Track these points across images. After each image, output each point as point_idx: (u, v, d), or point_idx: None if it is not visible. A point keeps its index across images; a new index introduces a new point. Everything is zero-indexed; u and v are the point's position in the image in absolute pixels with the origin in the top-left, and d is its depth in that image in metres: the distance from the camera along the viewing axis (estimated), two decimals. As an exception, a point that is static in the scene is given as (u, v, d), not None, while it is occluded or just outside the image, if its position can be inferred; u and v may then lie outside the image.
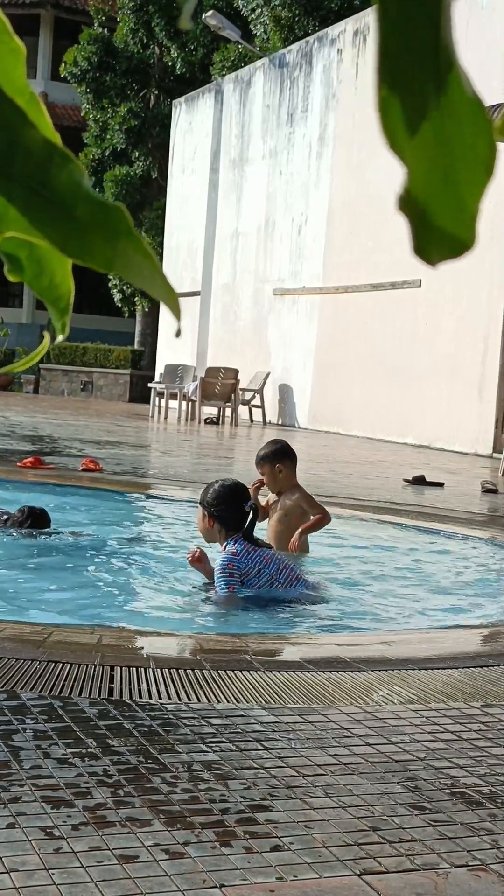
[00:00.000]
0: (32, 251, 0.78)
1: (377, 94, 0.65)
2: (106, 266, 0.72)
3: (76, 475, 10.12)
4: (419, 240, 0.69)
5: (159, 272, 0.73)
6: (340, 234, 20.71)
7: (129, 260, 0.72)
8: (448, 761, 3.17)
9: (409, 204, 0.67)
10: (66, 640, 4.17)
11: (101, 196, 0.71)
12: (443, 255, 0.69)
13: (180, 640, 4.49)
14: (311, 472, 12.22)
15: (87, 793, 2.71)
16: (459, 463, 15.18)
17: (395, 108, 0.65)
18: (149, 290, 0.74)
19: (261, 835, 2.55)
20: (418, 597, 6.25)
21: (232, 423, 21.49)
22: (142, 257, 0.72)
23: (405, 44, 0.63)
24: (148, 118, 31.79)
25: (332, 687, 3.81)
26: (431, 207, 0.68)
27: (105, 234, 0.71)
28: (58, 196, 0.71)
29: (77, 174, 0.71)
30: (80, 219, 0.71)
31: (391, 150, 0.66)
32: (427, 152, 0.67)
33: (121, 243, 0.72)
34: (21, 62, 0.73)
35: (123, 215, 0.71)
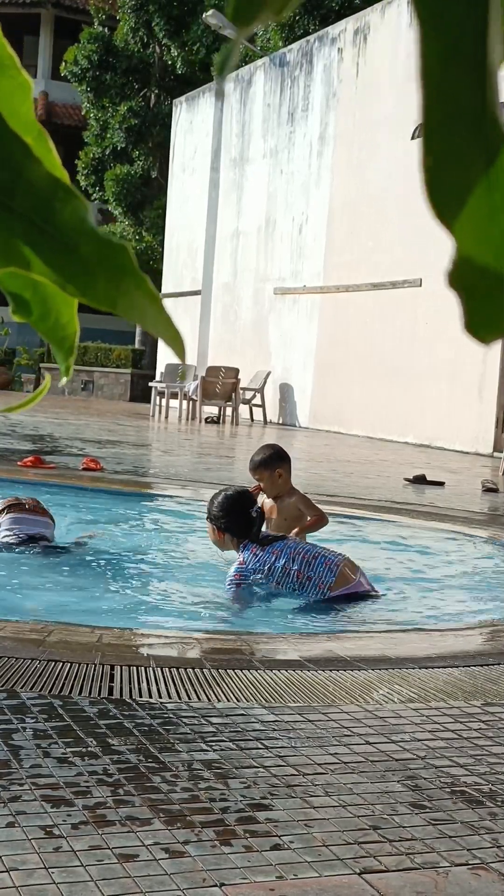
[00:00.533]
0: (37, 290, 0.77)
1: (423, 163, 0.63)
2: (109, 305, 0.72)
3: (77, 474, 10.12)
4: (471, 317, 0.66)
5: (163, 312, 0.72)
6: (341, 234, 20.71)
7: (132, 299, 0.72)
8: (448, 760, 3.17)
9: (458, 279, 0.65)
10: (66, 639, 4.17)
11: (106, 233, 0.71)
12: (496, 333, 0.66)
13: (180, 639, 4.49)
14: (311, 472, 12.22)
15: (87, 792, 2.71)
16: (460, 462, 15.18)
17: (441, 178, 0.62)
18: (152, 331, 0.73)
19: (261, 833, 2.55)
20: (418, 596, 6.25)
21: (232, 423, 21.49)
22: (145, 297, 0.72)
23: (452, 113, 0.61)
24: (148, 117, 31.78)
25: (332, 686, 3.81)
26: (482, 282, 0.65)
27: (109, 272, 0.71)
28: (61, 232, 0.71)
29: (82, 210, 0.71)
30: (84, 256, 0.71)
31: (438, 222, 0.64)
32: (477, 225, 0.64)
33: (125, 282, 0.71)
34: (29, 97, 0.73)
35: (127, 253, 0.71)
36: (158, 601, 5.73)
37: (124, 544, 7.22)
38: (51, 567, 6.28)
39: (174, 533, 8.13)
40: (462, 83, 0.61)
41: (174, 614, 5.43)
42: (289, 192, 22.68)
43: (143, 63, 32.21)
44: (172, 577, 6.39)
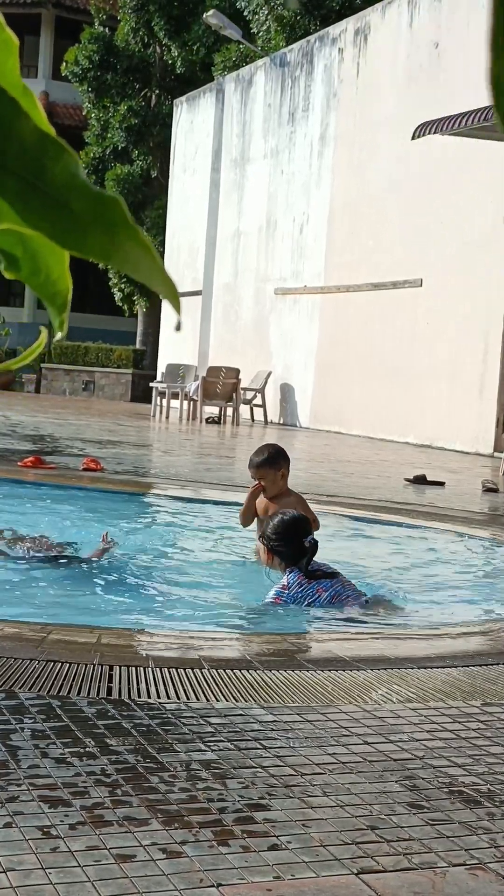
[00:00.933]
0: (27, 247, 0.77)
1: (490, 69, 0.63)
2: (104, 258, 0.72)
3: (77, 475, 10.12)
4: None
5: (158, 264, 0.73)
6: (341, 234, 20.71)
7: (127, 252, 0.72)
8: (446, 760, 3.17)
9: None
10: (64, 640, 4.17)
11: (98, 188, 0.71)
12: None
13: (179, 640, 4.49)
14: (311, 472, 12.22)
15: (85, 792, 2.71)
16: (460, 462, 15.18)
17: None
18: (148, 283, 0.73)
19: (259, 834, 2.55)
20: (417, 595, 6.25)
21: (233, 423, 21.49)
22: (140, 249, 0.72)
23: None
24: (149, 117, 31.78)
25: (330, 686, 3.81)
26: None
27: (102, 226, 0.71)
28: (53, 188, 0.71)
29: (72, 165, 0.71)
30: (77, 211, 0.71)
31: (500, 125, 0.64)
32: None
33: (118, 235, 0.71)
34: (13, 54, 0.73)
35: (120, 206, 0.71)
36: (157, 602, 5.73)
37: (124, 545, 7.22)
38: (49, 567, 6.28)
39: (174, 533, 8.14)
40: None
41: (173, 615, 5.43)
42: (289, 192, 22.68)
43: (144, 63, 32.21)
44: (172, 578, 6.39)
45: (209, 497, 9.63)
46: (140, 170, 31.58)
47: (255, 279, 23.82)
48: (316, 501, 9.31)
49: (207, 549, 7.60)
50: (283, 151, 23.04)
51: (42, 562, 6.31)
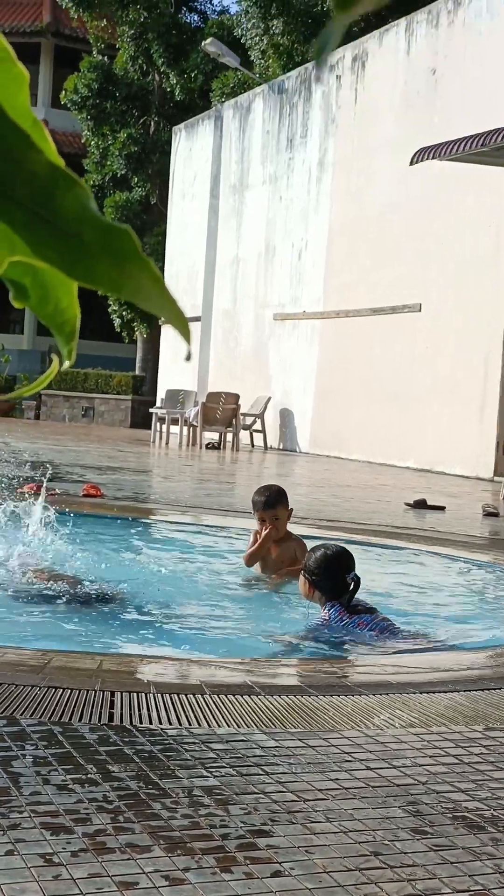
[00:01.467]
0: (37, 276, 0.77)
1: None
2: (115, 290, 0.72)
3: (77, 501, 10.12)
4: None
5: (168, 295, 0.73)
6: (340, 259, 20.76)
7: (137, 283, 0.72)
8: (450, 785, 3.16)
9: None
10: (66, 666, 4.16)
11: (108, 219, 0.71)
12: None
13: (181, 665, 4.47)
14: (312, 497, 12.21)
15: (87, 819, 2.70)
16: (460, 486, 15.17)
17: None
18: (158, 314, 0.74)
19: (261, 860, 2.54)
20: (419, 620, 6.23)
21: (233, 448, 21.50)
22: (150, 280, 0.72)
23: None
24: (148, 144, 31.91)
25: (332, 711, 3.80)
26: None
27: (113, 258, 0.71)
28: (64, 220, 0.71)
29: (83, 197, 0.71)
30: (88, 242, 0.71)
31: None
32: None
33: (129, 266, 0.72)
34: (24, 89, 0.73)
35: (131, 238, 0.71)
36: (158, 627, 5.72)
37: (125, 571, 7.21)
38: (51, 593, 6.27)
39: (174, 559, 8.12)
40: None
41: (174, 640, 5.42)
42: (288, 218, 22.75)
43: (143, 91, 32.37)
44: (172, 603, 6.37)
45: (209, 522, 9.62)
46: (139, 197, 31.70)
47: (254, 305, 23.87)
48: (316, 526, 9.31)
49: (208, 575, 7.59)
50: (281, 177, 23.12)
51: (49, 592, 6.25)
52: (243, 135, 24.84)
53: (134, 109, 32.35)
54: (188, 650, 5.16)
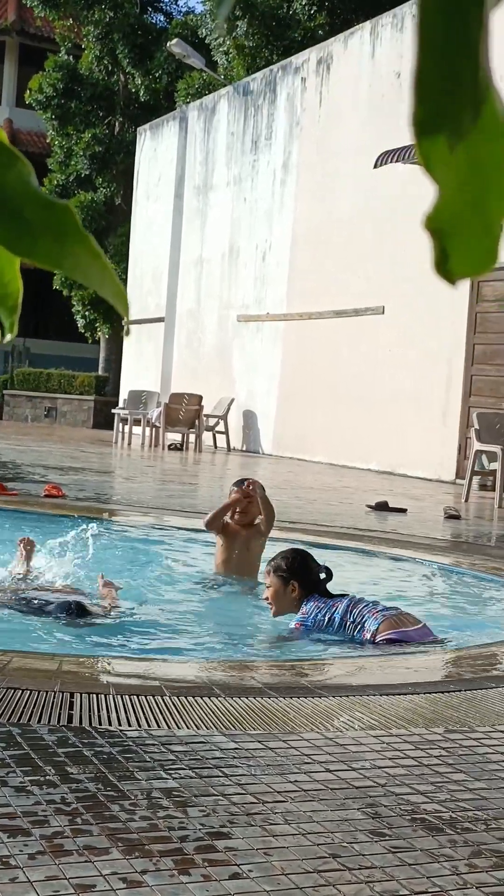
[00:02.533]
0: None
1: (413, 115, 0.65)
2: (55, 265, 0.72)
3: (39, 501, 10.08)
4: (441, 258, 0.69)
5: (108, 271, 0.73)
6: (304, 261, 20.79)
7: (77, 259, 0.72)
8: (409, 787, 3.16)
9: (435, 222, 0.68)
10: (25, 667, 4.14)
11: (49, 195, 0.71)
12: (464, 274, 0.69)
13: (141, 667, 4.46)
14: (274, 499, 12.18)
15: (45, 821, 2.69)
16: (423, 489, 15.22)
17: (430, 130, 0.65)
18: (98, 289, 0.74)
19: (220, 862, 2.54)
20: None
21: (196, 450, 21.48)
22: (90, 256, 0.72)
23: (443, 67, 0.64)
24: (112, 145, 31.84)
25: (292, 713, 3.80)
26: (457, 228, 0.68)
27: (54, 234, 0.71)
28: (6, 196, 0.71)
29: (25, 174, 0.71)
30: (29, 218, 0.71)
31: (425, 171, 0.66)
32: (459, 174, 0.67)
33: (69, 242, 0.72)
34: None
35: (71, 214, 0.71)
36: (118, 628, 5.70)
37: (84, 571, 7.19)
38: (9, 594, 6.24)
39: (134, 560, 8.11)
40: (456, 37, 0.63)
41: (134, 641, 5.40)
42: (252, 219, 22.76)
43: (108, 91, 32.29)
44: (133, 605, 6.36)
45: (171, 523, 9.61)
46: (104, 197, 31.63)
47: (219, 306, 23.86)
48: (279, 528, 9.31)
49: (168, 576, 7.58)
50: (245, 179, 23.12)
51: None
52: (208, 136, 24.83)
53: (99, 109, 32.26)
54: (148, 651, 5.15)
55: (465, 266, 0.69)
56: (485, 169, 0.67)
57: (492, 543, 9.86)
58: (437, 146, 0.66)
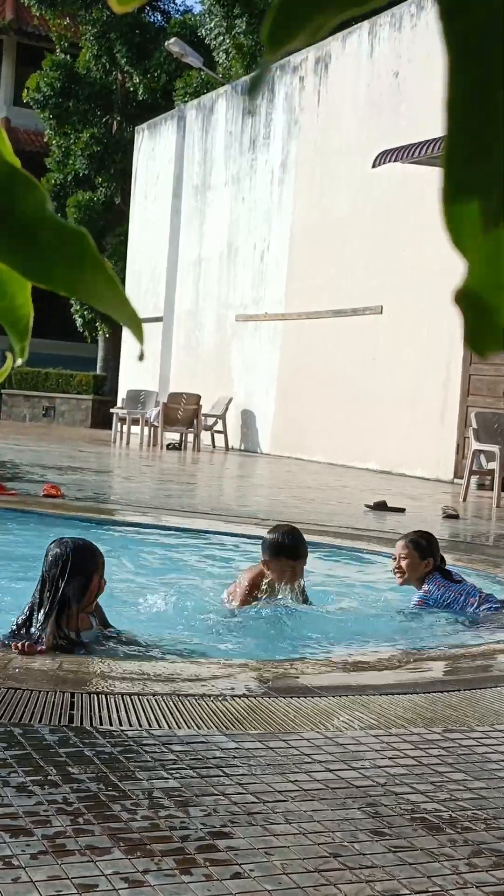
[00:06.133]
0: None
1: (443, 190, 0.66)
2: (69, 291, 0.73)
3: (37, 501, 10.08)
4: (473, 333, 0.70)
5: (123, 297, 0.74)
6: (302, 261, 20.79)
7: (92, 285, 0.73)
8: (408, 787, 3.18)
9: (465, 298, 0.69)
10: (26, 667, 4.15)
11: (65, 221, 0.72)
12: (495, 349, 0.71)
13: (141, 667, 4.47)
14: (272, 498, 12.23)
15: (47, 821, 2.70)
16: (421, 488, 15.23)
17: (460, 207, 0.66)
18: (112, 315, 0.74)
19: (221, 862, 2.55)
20: (379, 622, 6.26)
21: (194, 449, 21.48)
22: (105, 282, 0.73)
23: (473, 142, 0.65)
24: (110, 144, 31.83)
25: (292, 713, 3.81)
26: (488, 303, 0.69)
27: (69, 260, 0.72)
28: (21, 222, 0.71)
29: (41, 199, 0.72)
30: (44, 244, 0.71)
31: (454, 247, 0.67)
32: (489, 251, 0.67)
33: (84, 268, 0.72)
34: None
35: (87, 240, 0.72)
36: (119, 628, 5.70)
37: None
38: (9, 593, 6.25)
39: (134, 559, 8.12)
40: (487, 114, 0.64)
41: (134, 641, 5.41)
42: (250, 219, 22.76)
43: (106, 90, 32.27)
44: (133, 605, 6.37)
45: (170, 523, 9.62)
46: (102, 196, 31.61)
47: (217, 305, 23.86)
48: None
49: (168, 575, 7.59)
50: (244, 178, 23.12)
51: None
52: (206, 135, 24.83)
53: (97, 109, 32.24)
54: (147, 651, 5.15)
55: (495, 342, 0.71)
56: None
57: (490, 543, 9.87)
58: (467, 222, 0.66)
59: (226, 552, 8.67)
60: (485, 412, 14.53)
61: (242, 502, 11.84)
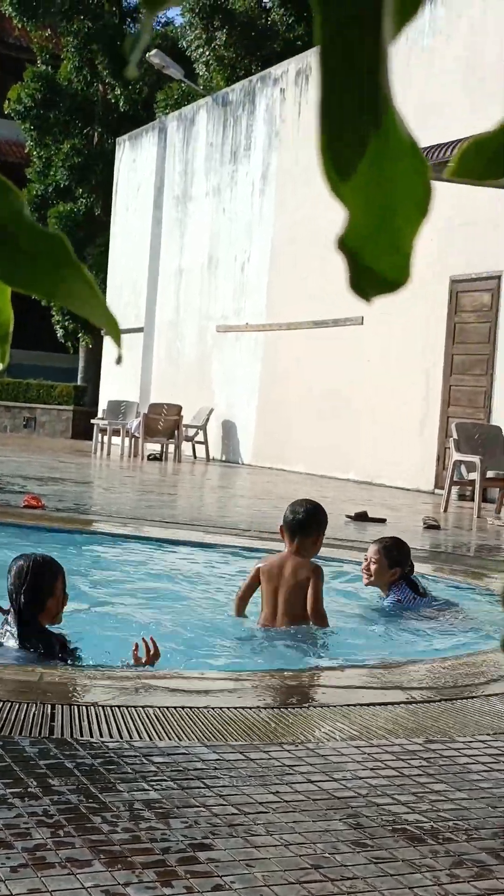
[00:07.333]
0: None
1: (319, 138, 0.66)
2: (49, 295, 0.73)
3: (18, 512, 10.06)
4: (356, 277, 0.71)
5: (100, 300, 0.74)
6: (283, 272, 20.82)
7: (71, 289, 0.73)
8: (390, 798, 3.17)
9: (347, 243, 0.70)
10: (6, 679, 4.13)
11: (42, 226, 0.72)
12: (378, 291, 0.71)
13: (121, 678, 4.46)
14: (254, 509, 12.22)
15: (27, 833, 2.69)
16: (402, 499, 15.25)
17: (335, 151, 0.67)
18: (90, 318, 0.74)
19: (202, 874, 2.54)
20: (360, 633, 6.26)
21: (175, 460, 21.47)
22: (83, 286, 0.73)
23: (345, 87, 0.65)
24: (92, 155, 31.84)
25: (273, 723, 3.81)
26: (369, 246, 0.70)
27: (47, 264, 0.72)
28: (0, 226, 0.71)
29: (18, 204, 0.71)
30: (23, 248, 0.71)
31: (332, 193, 0.68)
32: (366, 194, 0.69)
33: (63, 272, 0.72)
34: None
35: (65, 245, 0.72)
36: (98, 639, 5.69)
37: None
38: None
39: (114, 570, 8.10)
40: (355, 64, 0.65)
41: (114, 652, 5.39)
42: (231, 230, 22.79)
43: (87, 101, 32.29)
44: (113, 616, 6.35)
45: (150, 534, 9.61)
46: (83, 207, 31.61)
47: (198, 316, 23.87)
48: (258, 538, 9.33)
49: (147, 586, 7.58)
50: (225, 190, 23.16)
51: None
52: (187, 146, 24.86)
53: (78, 120, 32.25)
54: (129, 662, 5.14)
55: (379, 285, 0.71)
56: (390, 189, 0.69)
57: (471, 553, 9.89)
58: (342, 169, 0.67)
59: (206, 563, 8.66)
60: (465, 423, 14.56)
61: (223, 513, 11.83)
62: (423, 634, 6.31)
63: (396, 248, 0.70)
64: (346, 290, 0.77)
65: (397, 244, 0.70)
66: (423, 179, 0.69)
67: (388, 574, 6.80)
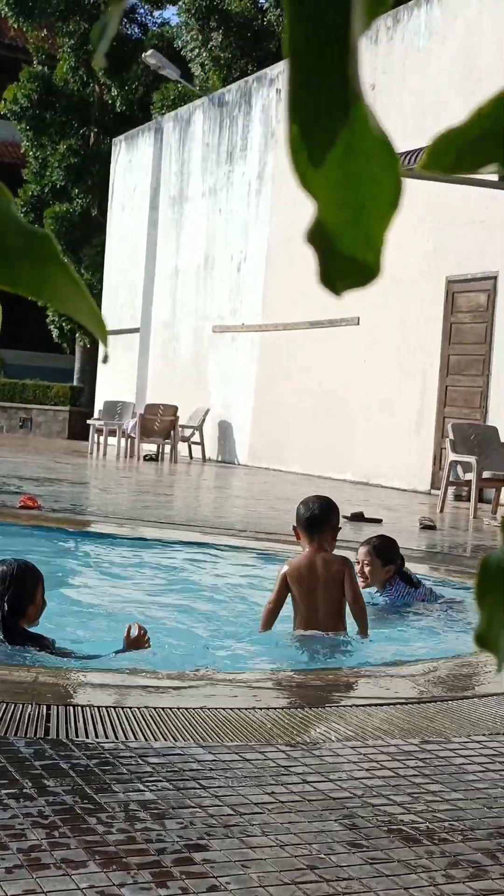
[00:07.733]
0: None
1: (288, 131, 0.67)
2: (35, 293, 0.73)
3: (14, 512, 10.05)
4: (326, 270, 0.72)
5: (87, 298, 0.74)
6: (279, 272, 20.82)
7: (57, 287, 0.73)
8: (385, 798, 3.17)
9: (317, 236, 0.70)
10: (1, 679, 4.13)
11: (29, 224, 0.72)
12: (349, 285, 0.72)
13: (117, 678, 4.46)
14: (250, 509, 12.22)
15: (22, 834, 2.68)
16: (398, 499, 15.25)
17: (304, 144, 0.67)
18: (76, 316, 0.74)
19: (197, 875, 2.54)
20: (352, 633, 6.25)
21: (171, 460, 21.46)
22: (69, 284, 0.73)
23: (314, 80, 0.66)
24: (88, 155, 31.82)
25: (269, 724, 3.80)
26: (339, 240, 0.70)
27: (34, 262, 0.72)
28: None
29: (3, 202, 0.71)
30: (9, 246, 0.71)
31: (302, 187, 0.69)
32: (336, 188, 0.69)
33: (49, 270, 0.72)
34: None
35: (51, 242, 0.72)
36: (94, 640, 5.69)
37: (60, 582, 7.18)
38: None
39: (110, 571, 8.10)
40: (325, 58, 0.65)
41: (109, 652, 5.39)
42: (228, 230, 22.78)
43: (83, 102, 32.28)
44: (109, 616, 6.35)
45: (146, 535, 9.60)
46: (79, 208, 31.59)
47: (194, 317, 23.86)
48: (254, 539, 9.33)
49: (143, 587, 7.58)
50: (221, 190, 23.15)
51: None
52: (183, 147, 24.86)
53: (74, 120, 32.23)
54: (123, 662, 5.14)
55: (348, 279, 0.72)
56: (360, 183, 0.69)
57: (467, 554, 9.89)
58: (312, 161, 0.68)
59: (202, 563, 8.66)
60: (461, 423, 14.56)
61: (219, 513, 11.82)
62: (418, 635, 6.31)
63: (367, 241, 0.71)
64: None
65: (368, 238, 0.71)
66: (394, 174, 0.70)
67: (384, 572, 6.93)
